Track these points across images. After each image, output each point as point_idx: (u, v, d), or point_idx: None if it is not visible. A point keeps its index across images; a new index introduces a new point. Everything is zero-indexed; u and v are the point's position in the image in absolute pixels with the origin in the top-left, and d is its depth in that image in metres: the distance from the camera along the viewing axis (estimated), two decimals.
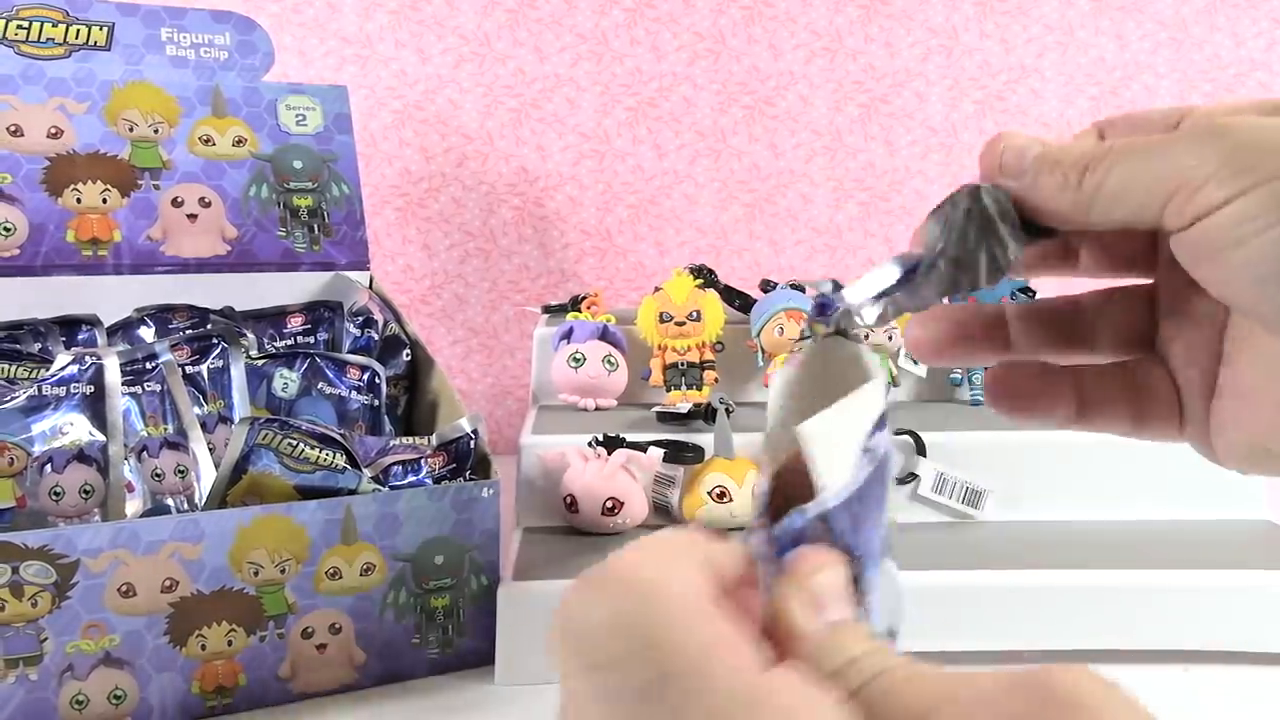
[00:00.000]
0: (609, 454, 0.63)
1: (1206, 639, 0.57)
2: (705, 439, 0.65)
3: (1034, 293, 0.71)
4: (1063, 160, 0.24)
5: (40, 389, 0.58)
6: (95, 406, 0.59)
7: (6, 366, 0.60)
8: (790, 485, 0.23)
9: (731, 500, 0.63)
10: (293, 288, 0.78)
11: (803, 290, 0.74)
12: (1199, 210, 0.22)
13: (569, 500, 0.63)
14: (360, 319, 0.72)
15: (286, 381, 0.66)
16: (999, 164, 0.25)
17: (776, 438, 0.25)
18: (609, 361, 0.73)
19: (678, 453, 0.65)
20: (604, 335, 0.74)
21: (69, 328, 0.68)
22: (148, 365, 0.62)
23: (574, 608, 0.19)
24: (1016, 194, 0.25)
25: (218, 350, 0.65)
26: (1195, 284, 0.23)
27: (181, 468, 0.60)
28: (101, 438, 0.58)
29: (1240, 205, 0.21)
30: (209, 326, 0.69)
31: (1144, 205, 0.23)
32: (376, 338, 0.72)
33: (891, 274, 0.25)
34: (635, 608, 0.18)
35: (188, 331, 0.67)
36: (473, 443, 0.59)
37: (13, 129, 0.71)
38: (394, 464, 0.57)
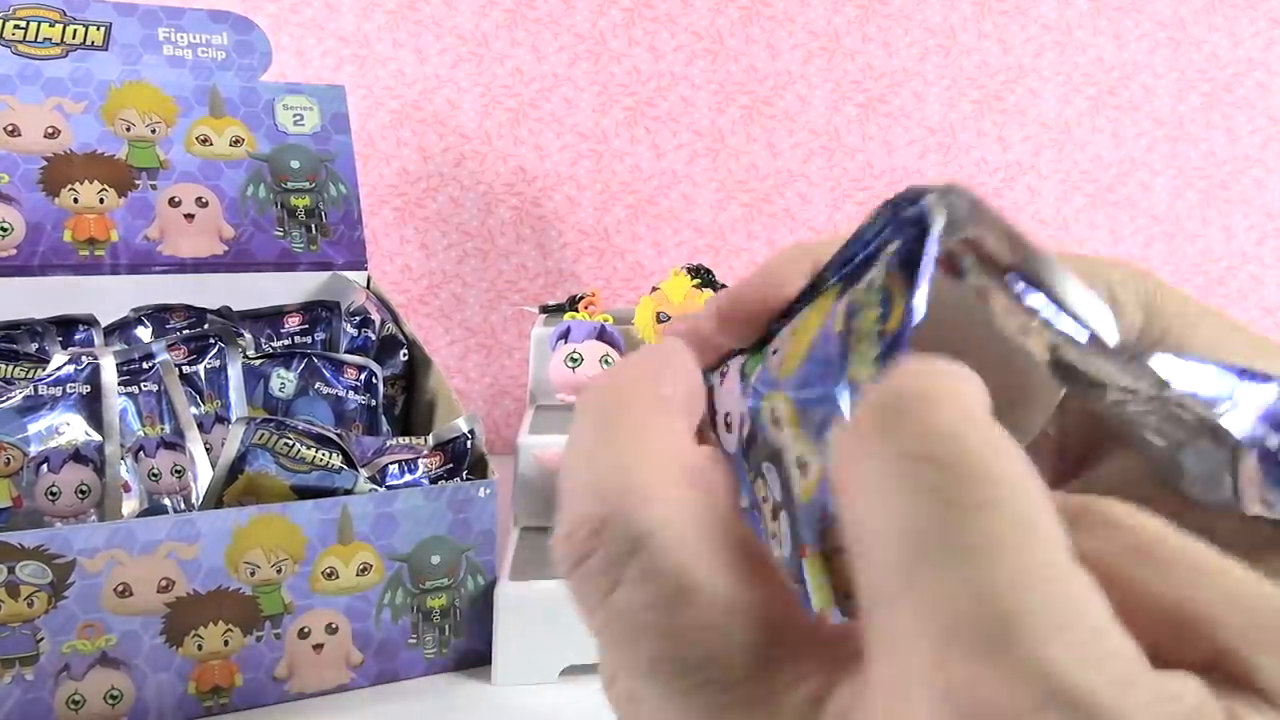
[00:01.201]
0: None
1: None
2: None
3: None
4: None
5: (36, 389, 0.58)
6: (92, 406, 0.59)
7: (3, 366, 0.60)
8: None
9: None
10: (290, 288, 0.78)
11: None
12: None
13: None
14: (357, 319, 0.72)
15: (283, 381, 0.66)
16: None
17: None
18: (606, 362, 0.73)
19: None
20: (601, 335, 0.74)
21: (66, 328, 0.68)
22: (144, 365, 0.62)
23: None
24: None
25: (215, 350, 0.65)
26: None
27: (178, 468, 0.60)
28: (98, 438, 0.58)
29: None
30: (206, 326, 0.69)
31: None
32: (374, 338, 0.72)
33: None
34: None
35: (185, 331, 0.67)
36: (470, 442, 0.59)
37: (10, 129, 0.71)
38: (390, 464, 0.57)
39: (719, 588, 0.14)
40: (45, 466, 0.56)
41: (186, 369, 0.63)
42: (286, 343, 0.72)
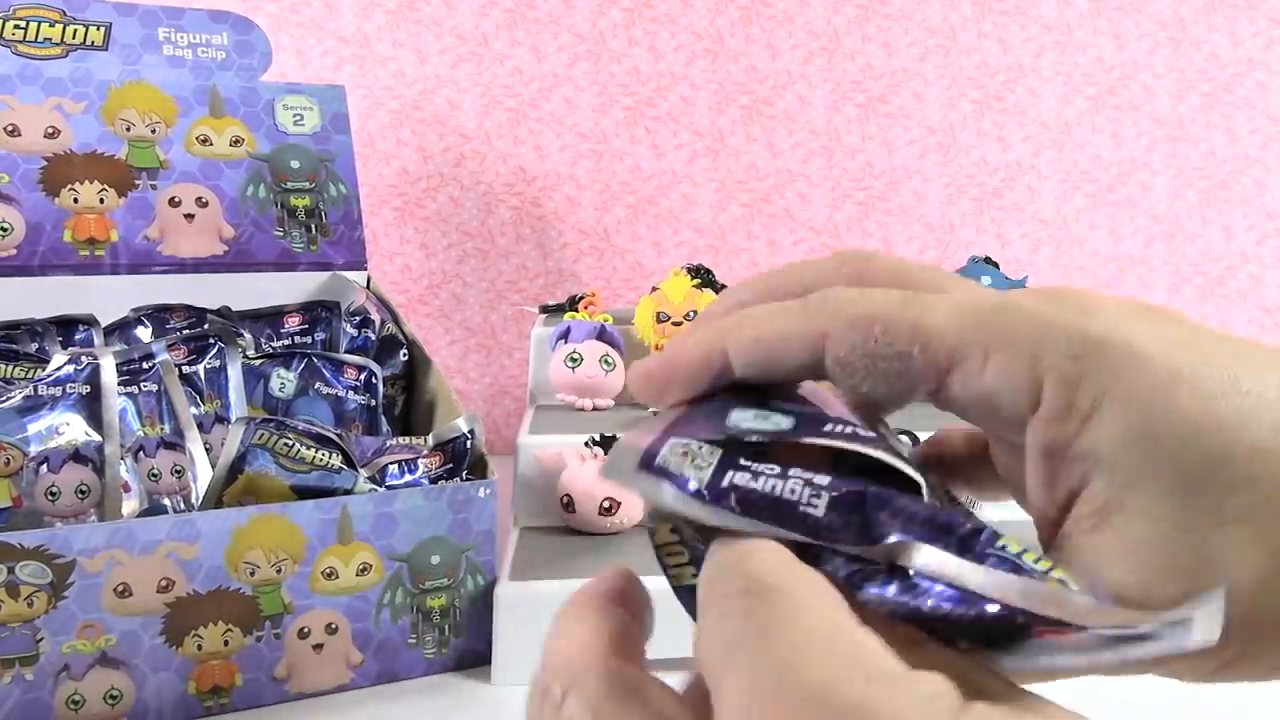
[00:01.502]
0: (606, 454, 0.63)
1: None
2: None
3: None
4: None
5: (36, 389, 0.58)
6: (91, 406, 0.58)
7: (3, 366, 0.60)
8: None
9: None
10: (290, 288, 0.78)
11: None
12: None
13: (566, 500, 0.63)
14: (357, 319, 0.72)
15: (283, 381, 0.66)
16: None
17: None
18: (606, 361, 0.73)
19: None
20: (601, 335, 0.74)
21: (66, 328, 0.68)
22: (144, 365, 0.62)
23: None
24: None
25: (215, 350, 0.65)
26: None
27: (178, 468, 0.60)
28: (98, 438, 0.58)
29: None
30: (206, 326, 0.68)
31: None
32: (374, 338, 0.72)
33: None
34: None
35: (185, 331, 0.67)
36: (469, 442, 0.59)
37: (10, 129, 0.71)
38: (390, 464, 0.57)
39: None
40: (45, 466, 0.56)
41: (186, 369, 0.63)
42: (286, 343, 0.72)
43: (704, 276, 0.78)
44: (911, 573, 0.17)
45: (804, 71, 1.02)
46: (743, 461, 0.19)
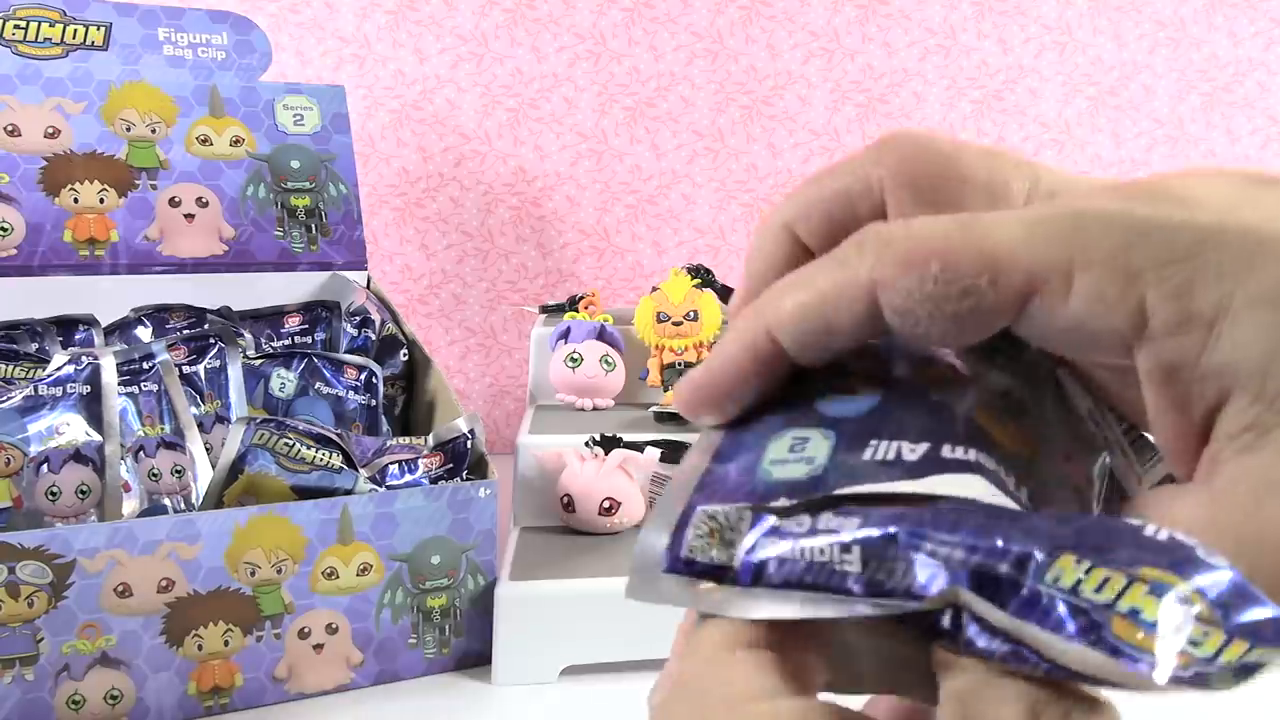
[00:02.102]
0: (606, 454, 0.63)
1: None
2: None
3: None
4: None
5: (37, 389, 0.58)
6: (92, 406, 0.59)
7: (3, 366, 0.60)
8: None
9: None
10: (290, 288, 0.78)
11: None
12: None
13: (566, 500, 0.63)
14: (357, 319, 0.72)
15: (284, 381, 0.66)
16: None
17: None
18: (606, 361, 0.73)
19: (675, 453, 0.65)
20: (601, 335, 0.74)
21: (66, 328, 0.68)
22: (144, 365, 0.62)
23: None
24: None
25: (215, 350, 0.65)
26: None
27: (178, 468, 0.60)
28: (98, 438, 0.58)
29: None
30: (206, 326, 0.69)
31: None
32: (374, 338, 0.72)
33: None
34: None
35: (185, 331, 0.67)
36: (470, 442, 0.59)
37: (10, 129, 0.71)
38: (391, 464, 0.57)
39: None
40: (45, 466, 0.56)
41: (186, 369, 0.63)
42: (286, 343, 0.72)
43: (704, 276, 0.78)
44: (969, 624, 0.15)
45: (804, 71, 1.02)
46: (774, 523, 0.17)
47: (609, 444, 0.64)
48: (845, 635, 0.18)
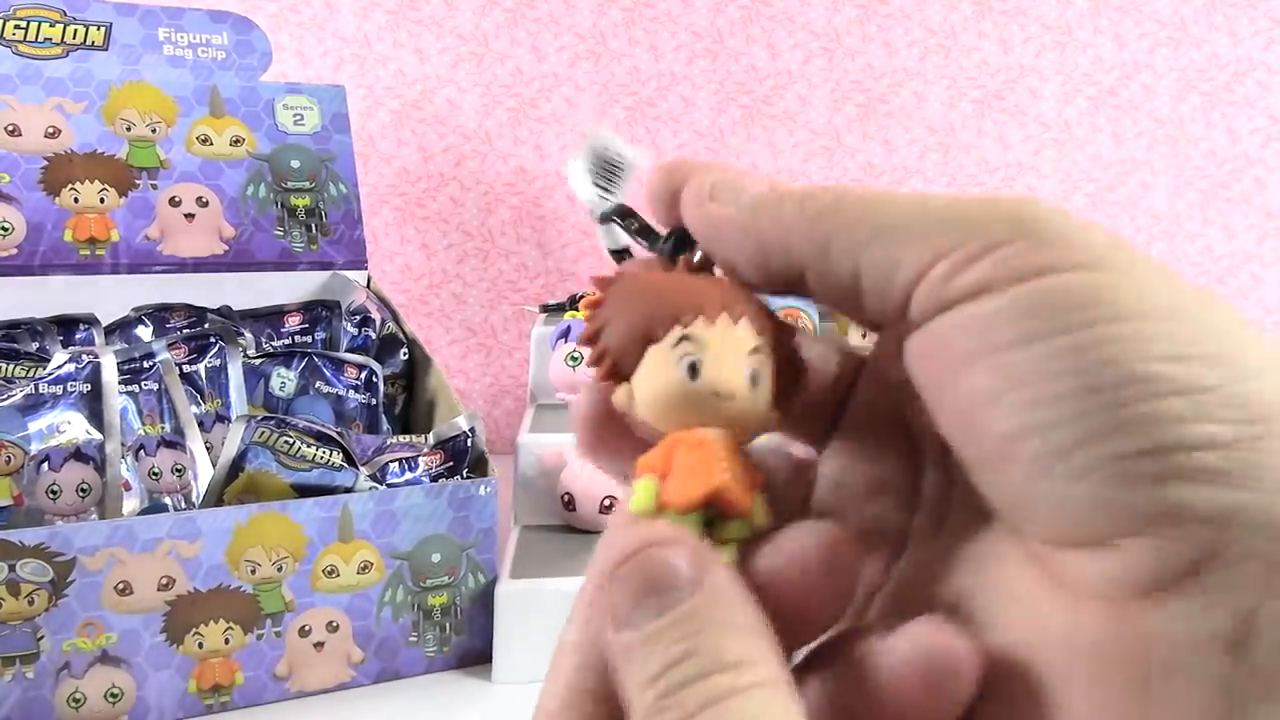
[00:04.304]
0: None
1: None
2: None
3: None
4: (799, 189, 0.18)
5: (37, 387, 0.58)
6: (92, 405, 0.59)
7: (4, 365, 0.60)
8: None
9: None
10: (290, 287, 0.78)
11: None
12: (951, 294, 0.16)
13: (567, 499, 0.63)
14: (358, 318, 0.72)
15: (284, 380, 0.66)
16: (705, 191, 0.19)
17: None
18: None
19: None
20: None
21: (66, 327, 0.68)
22: (145, 364, 0.62)
23: None
24: (722, 224, 0.19)
25: (215, 349, 0.65)
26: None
27: (179, 466, 0.60)
28: (99, 436, 0.58)
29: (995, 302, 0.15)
30: (206, 326, 0.69)
31: (894, 264, 0.16)
32: (374, 337, 0.72)
33: None
34: None
35: (185, 330, 0.67)
36: (470, 441, 0.59)
37: (10, 129, 0.71)
38: (391, 462, 0.57)
39: None
40: (46, 465, 0.56)
41: (187, 368, 0.63)
42: (287, 342, 0.72)
43: None
44: None
45: (804, 71, 1.02)
46: None
47: None
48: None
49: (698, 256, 0.20)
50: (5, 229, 0.71)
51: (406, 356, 0.73)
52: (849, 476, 0.20)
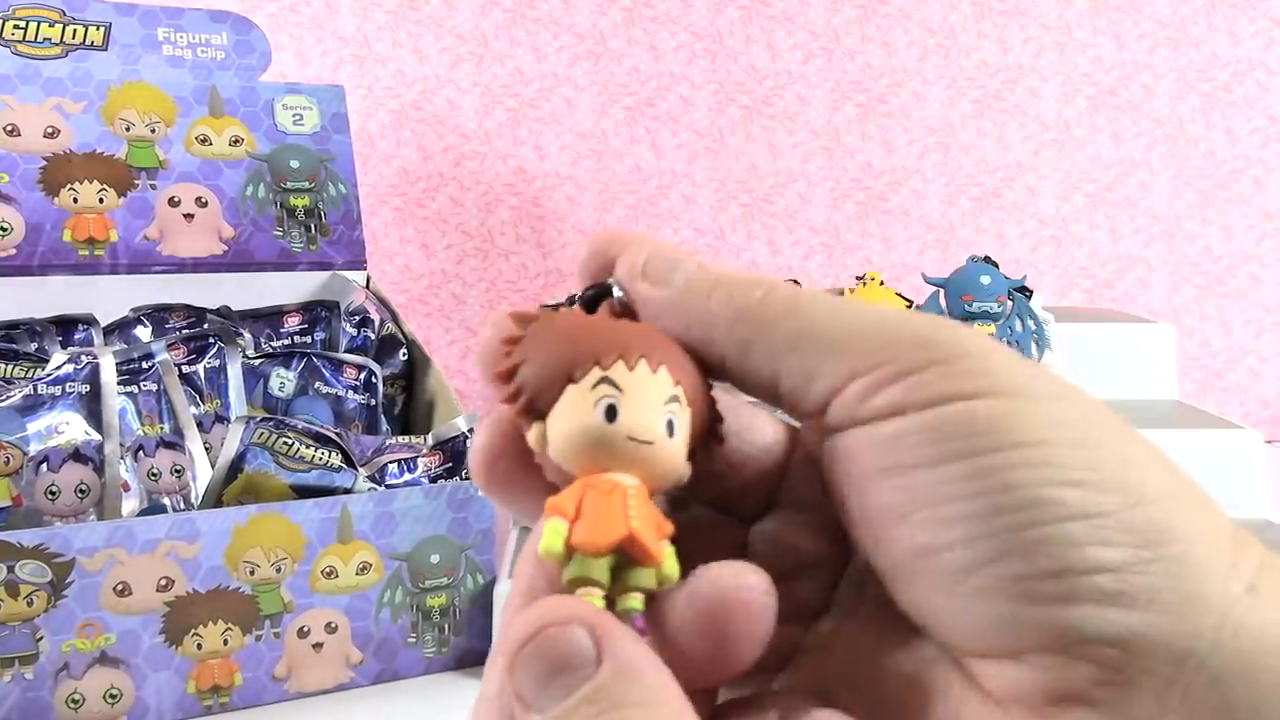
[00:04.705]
0: None
1: None
2: None
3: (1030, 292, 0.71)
4: (729, 279, 0.18)
5: (36, 388, 0.58)
6: (91, 406, 0.58)
7: (3, 366, 0.60)
8: None
9: None
10: (289, 287, 0.78)
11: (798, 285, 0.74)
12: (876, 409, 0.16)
13: None
14: (357, 318, 0.72)
15: (283, 381, 0.66)
16: (638, 268, 0.19)
17: None
18: None
19: None
20: None
21: (65, 327, 0.68)
22: (144, 365, 0.62)
23: None
24: (651, 303, 0.19)
25: (214, 350, 0.65)
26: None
27: (178, 467, 0.59)
28: (97, 437, 0.58)
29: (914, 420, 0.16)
30: (205, 326, 0.68)
31: (812, 375, 0.17)
32: (373, 337, 0.72)
33: None
34: None
35: (184, 331, 0.67)
36: (469, 441, 0.59)
37: (9, 129, 0.71)
38: (390, 463, 0.57)
39: None
40: (45, 465, 0.56)
41: (186, 369, 0.63)
42: (286, 342, 0.72)
43: None
44: None
45: (804, 71, 1.02)
46: None
47: None
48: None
49: (618, 303, 0.20)
50: (4, 229, 0.71)
51: (406, 357, 0.73)
52: (779, 551, 0.20)
